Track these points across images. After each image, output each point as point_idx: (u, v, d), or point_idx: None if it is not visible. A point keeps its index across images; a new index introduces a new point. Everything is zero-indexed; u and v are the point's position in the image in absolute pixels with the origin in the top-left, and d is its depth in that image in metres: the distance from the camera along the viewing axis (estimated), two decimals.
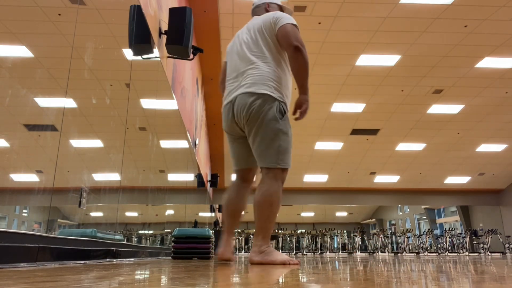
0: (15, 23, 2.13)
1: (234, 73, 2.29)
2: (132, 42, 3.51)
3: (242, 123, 2.19)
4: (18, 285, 0.89)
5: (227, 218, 2.34)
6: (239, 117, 2.17)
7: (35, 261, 1.84)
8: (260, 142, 2.14)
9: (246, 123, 2.17)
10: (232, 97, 2.20)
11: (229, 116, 2.21)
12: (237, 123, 2.22)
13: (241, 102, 2.15)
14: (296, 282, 1.04)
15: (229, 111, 2.22)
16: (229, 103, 2.22)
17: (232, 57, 2.36)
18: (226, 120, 2.25)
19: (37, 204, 2.56)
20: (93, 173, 3.47)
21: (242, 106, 2.15)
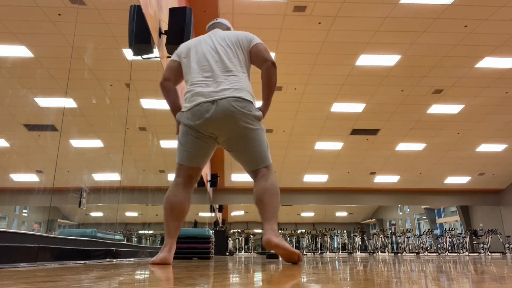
0: (15, 23, 2.12)
1: (207, 73, 2.30)
2: (132, 42, 3.51)
3: (224, 124, 2.17)
4: (18, 285, 0.89)
5: (172, 221, 2.20)
6: (224, 119, 2.15)
7: (35, 261, 1.84)
8: (257, 144, 2.25)
9: (232, 126, 2.17)
10: (216, 98, 2.17)
11: (206, 115, 2.16)
12: (214, 122, 2.17)
13: (231, 106, 2.17)
14: (296, 282, 1.04)
15: (207, 110, 2.16)
16: (208, 102, 2.18)
17: (199, 58, 2.35)
18: (199, 118, 2.17)
19: (37, 204, 2.56)
20: (93, 173, 3.47)
21: (231, 109, 2.16)
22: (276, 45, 8.68)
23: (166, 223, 2.21)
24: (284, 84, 10.38)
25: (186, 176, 2.28)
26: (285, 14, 7.63)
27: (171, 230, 2.20)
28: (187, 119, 2.23)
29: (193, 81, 2.30)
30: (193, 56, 2.38)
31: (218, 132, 2.20)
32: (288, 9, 7.49)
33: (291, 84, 10.38)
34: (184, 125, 2.25)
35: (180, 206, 2.23)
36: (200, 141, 2.23)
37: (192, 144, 2.23)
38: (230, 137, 2.21)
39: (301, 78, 10.09)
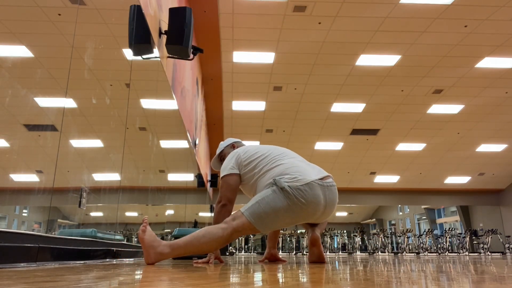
0: (15, 23, 2.13)
1: (299, 157, 2.50)
2: (132, 42, 3.51)
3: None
4: (18, 285, 0.89)
5: (191, 247, 2.09)
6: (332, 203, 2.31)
7: (35, 261, 1.84)
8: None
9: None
10: (329, 182, 2.25)
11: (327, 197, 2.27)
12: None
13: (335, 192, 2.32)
14: (296, 282, 1.04)
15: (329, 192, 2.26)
16: (327, 187, 2.25)
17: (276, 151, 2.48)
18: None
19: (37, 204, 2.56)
20: (93, 173, 3.47)
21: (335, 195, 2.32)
22: (276, 45, 8.68)
23: (190, 243, 2.09)
24: (284, 84, 10.38)
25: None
26: (285, 14, 7.62)
27: (180, 250, 2.12)
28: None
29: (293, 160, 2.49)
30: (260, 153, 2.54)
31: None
32: (288, 9, 7.49)
33: (291, 84, 10.38)
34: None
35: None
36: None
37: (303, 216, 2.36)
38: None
39: (301, 78, 10.09)
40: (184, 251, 2.04)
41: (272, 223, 2.10)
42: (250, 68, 9.57)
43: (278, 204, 2.05)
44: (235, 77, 9.87)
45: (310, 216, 2.18)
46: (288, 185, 2.07)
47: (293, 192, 2.06)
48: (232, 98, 10.92)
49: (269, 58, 9.17)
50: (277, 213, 2.06)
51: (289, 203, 2.05)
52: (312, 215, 2.17)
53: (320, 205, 2.15)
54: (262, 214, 2.06)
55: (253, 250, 16.23)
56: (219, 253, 2.59)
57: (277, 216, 2.07)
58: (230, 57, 8.95)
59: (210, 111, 11.36)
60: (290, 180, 2.10)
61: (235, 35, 8.21)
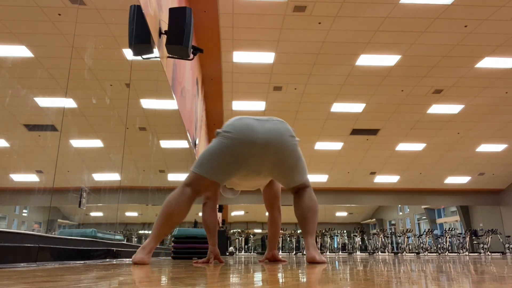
0: (15, 23, 2.12)
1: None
2: (132, 42, 3.51)
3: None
4: (18, 285, 0.89)
5: (164, 228, 2.14)
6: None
7: (35, 261, 1.84)
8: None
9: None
10: (269, 117, 2.31)
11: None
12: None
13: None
14: (296, 282, 1.04)
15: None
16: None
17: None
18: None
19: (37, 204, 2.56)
20: (93, 173, 3.47)
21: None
22: (276, 45, 8.68)
23: (158, 227, 2.13)
24: (284, 84, 10.38)
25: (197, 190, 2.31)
26: (285, 14, 7.62)
27: (158, 235, 2.14)
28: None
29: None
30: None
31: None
32: (288, 9, 7.49)
33: (291, 84, 10.38)
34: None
35: (178, 216, 2.18)
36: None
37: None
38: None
39: (301, 78, 10.09)
40: (158, 227, 2.12)
41: (214, 165, 2.12)
42: (250, 68, 9.57)
43: (213, 145, 2.15)
44: (235, 77, 9.87)
45: (248, 148, 2.08)
46: (220, 128, 2.19)
47: (224, 129, 2.16)
48: (232, 98, 10.92)
49: (269, 58, 9.17)
50: (213, 153, 2.13)
51: (221, 139, 2.12)
52: (249, 146, 2.08)
53: (254, 134, 2.08)
54: (202, 160, 2.15)
55: (253, 250, 16.22)
56: (219, 252, 2.63)
57: (214, 156, 2.12)
58: (230, 57, 8.95)
59: (210, 111, 11.36)
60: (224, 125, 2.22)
61: (235, 35, 8.20)
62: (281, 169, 2.23)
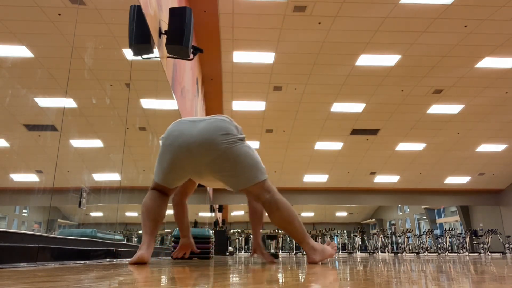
0: (15, 23, 2.12)
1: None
2: (132, 42, 3.51)
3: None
4: (18, 285, 0.89)
5: (149, 222, 2.21)
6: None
7: (35, 261, 1.84)
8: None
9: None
10: (205, 117, 2.32)
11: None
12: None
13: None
14: (296, 282, 1.04)
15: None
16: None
17: None
18: None
19: (37, 204, 2.56)
20: (93, 173, 3.47)
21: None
22: (276, 45, 8.68)
23: (144, 223, 2.22)
24: (284, 84, 10.38)
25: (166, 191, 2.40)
26: (285, 14, 7.62)
27: (149, 230, 2.19)
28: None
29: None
30: None
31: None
32: (288, 9, 7.49)
33: (291, 84, 10.38)
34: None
35: (155, 214, 2.28)
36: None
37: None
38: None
39: (301, 78, 10.09)
40: (142, 222, 2.22)
41: (160, 172, 2.17)
42: (250, 68, 9.57)
43: (159, 152, 2.20)
44: (235, 77, 9.87)
45: (181, 154, 2.06)
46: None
47: (163, 135, 2.18)
48: (232, 98, 10.92)
49: (269, 58, 9.17)
50: (158, 160, 2.19)
51: (160, 146, 2.17)
52: (181, 152, 2.06)
53: (184, 137, 2.05)
54: (155, 167, 2.23)
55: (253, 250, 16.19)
56: (193, 243, 2.75)
57: (158, 163, 2.17)
58: (230, 57, 8.95)
59: (210, 111, 11.36)
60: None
61: (235, 35, 8.20)
62: (219, 171, 2.08)
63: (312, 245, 2.16)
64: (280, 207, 2.08)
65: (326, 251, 2.20)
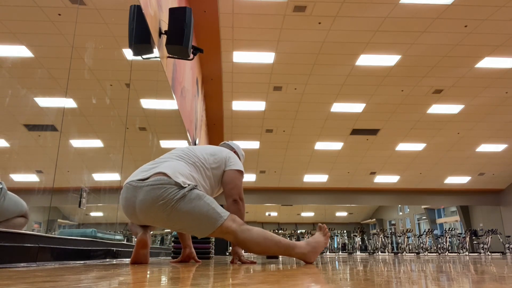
0: (15, 23, 2.12)
1: (174, 153, 2.49)
2: (132, 42, 3.51)
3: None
4: (18, 285, 0.89)
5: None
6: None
7: (35, 261, 1.84)
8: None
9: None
10: (146, 182, 2.23)
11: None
12: None
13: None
14: (296, 282, 1.04)
15: None
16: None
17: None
18: None
19: (37, 204, 2.56)
20: (93, 173, 3.47)
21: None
22: (276, 45, 8.68)
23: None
24: (284, 84, 10.38)
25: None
26: (285, 14, 7.62)
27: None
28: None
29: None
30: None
31: None
32: (288, 9, 7.49)
33: (291, 84, 10.38)
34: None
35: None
36: None
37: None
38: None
39: (301, 78, 10.09)
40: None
41: (130, 217, 2.19)
42: (250, 68, 9.57)
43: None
44: (235, 77, 9.87)
45: (134, 215, 2.11)
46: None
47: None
48: (232, 98, 10.92)
49: (269, 58, 9.17)
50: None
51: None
52: (132, 214, 2.12)
53: (131, 206, 2.08)
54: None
55: None
56: (194, 254, 2.72)
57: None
58: (230, 57, 8.95)
59: (210, 111, 11.36)
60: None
61: (235, 35, 8.20)
62: (176, 228, 2.16)
63: (301, 251, 2.10)
64: (247, 242, 2.02)
65: (318, 246, 2.17)
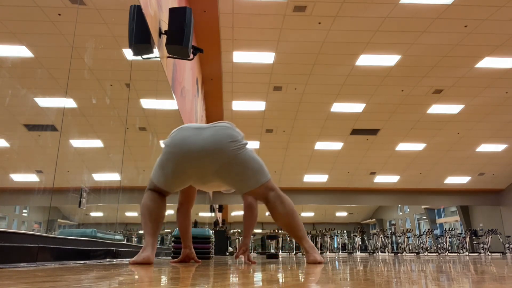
0: (15, 23, 2.12)
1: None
2: (132, 42, 3.51)
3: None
4: (18, 285, 0.89)
5: (150, 223, 2.17)
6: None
7: (35, 261, 1.84)
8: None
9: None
10: (210, 124, 2.32)
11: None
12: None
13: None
14: (296, 282, 1.04)
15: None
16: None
17: None
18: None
19: (37, 204, 2.56)
20: (93, 173, 3.47)
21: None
22: (276, 45, 8.68)
23: (145, 225, 2.18)
24: (284, 84, 10.38)
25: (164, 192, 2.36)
26: (285, 14, 7.62)
27: (151, 230, 2.16)
28: None
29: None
30: None
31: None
32: (288, 9, 7.49)
33: (291, 84, 10.38)
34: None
35: (156, 214, 2.27)
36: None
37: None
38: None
39: (301, 78, 10.09)
40: (143, 223, 2.18)
41: (161, 176, 2.18)
42: (250, 68, 9.57)
43: (160, 157, 2.21)
44: (235, 77, 9.87)
45: (183, 160, 2.09)
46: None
47: (165, 141, 2.18)
48: (232, 98, 10.92)
49: (269, 58, 9.17)
50: (159, 165, 2.19)
51: (163, 152, 2.17)
52: (185, 159, 2.08)
53: (189, 145, 2.07)
54: (154, 170, 2.24)
55: (253, 250, 16.23)
56: (194, 254, 2.70)
57: (160, 167, 2.18)
58: (230, 57, 8.95)
59: (210, 111, 11.36)
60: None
61: (235, 35, 8.20)
62: (227, 176, 2.15)
63: (311, 243, 2.29)
64: (284, 201, 2.23)
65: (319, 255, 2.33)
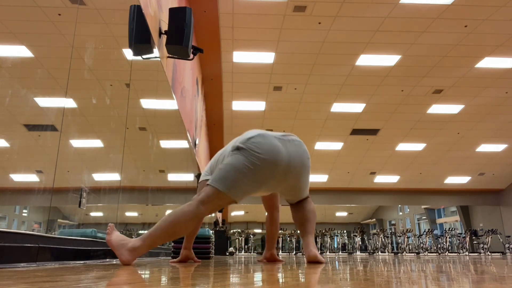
0: (15, 23, 2.12)
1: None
2: (132, 42, 3.51)
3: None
4: (18, 285, 0.89)
5: (161, 240, 1.90)
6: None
7: (35, 261, 1.84)
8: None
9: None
10: (289, 136, 2.38)
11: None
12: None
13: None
14: (296, 282, 1.04)
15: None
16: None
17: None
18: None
19: (37, 204, 2.56)
20: (93, 173, 3.47)
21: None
22: (276, 45, 8.68)
23: (156, 237, 1.90)
24: (284, 84, 10.38)
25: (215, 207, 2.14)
26: (285, 14, 7.62)
27: (153, 245, 1.91)
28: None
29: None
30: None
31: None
32: (288, 9, 7.49)
33: (291, 84, 10.38)
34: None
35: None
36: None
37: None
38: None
39: (301, 78, 10.09)
40: (156, 238, 1.88)
41: (238, 184, 1.99)
42: (250, 68, 9.57)
43: (238, 162, 2.01)
44: (235, 77, 9.87)
45: (273, 171, 2.06)
46: (242, 143, 2.08)
47: (248, 145, 2.05)
48: (232, 98, 10.92)
49: (269, 58, 9.17)
50: (237, 171, 1.99)
51: (247, 156, 2.01)
52: (275, 169, 2.06)
53: (280, 156, 2.07)
54: (225, 175, 1.99)
55: (253, 250, 16.22)
56: (193, 255, 2.74)
57: (239, 174, 1.99)
58: (230, 57, 8.95)
59: (210, 111, 11.36)
60: (244, 139, 2.11)
61: (235, 35, 8.20)
62: (293, 188, 2.30)
63: (313, 241, 2.42)
64: (312, 203, 2.49)
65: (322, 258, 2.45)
